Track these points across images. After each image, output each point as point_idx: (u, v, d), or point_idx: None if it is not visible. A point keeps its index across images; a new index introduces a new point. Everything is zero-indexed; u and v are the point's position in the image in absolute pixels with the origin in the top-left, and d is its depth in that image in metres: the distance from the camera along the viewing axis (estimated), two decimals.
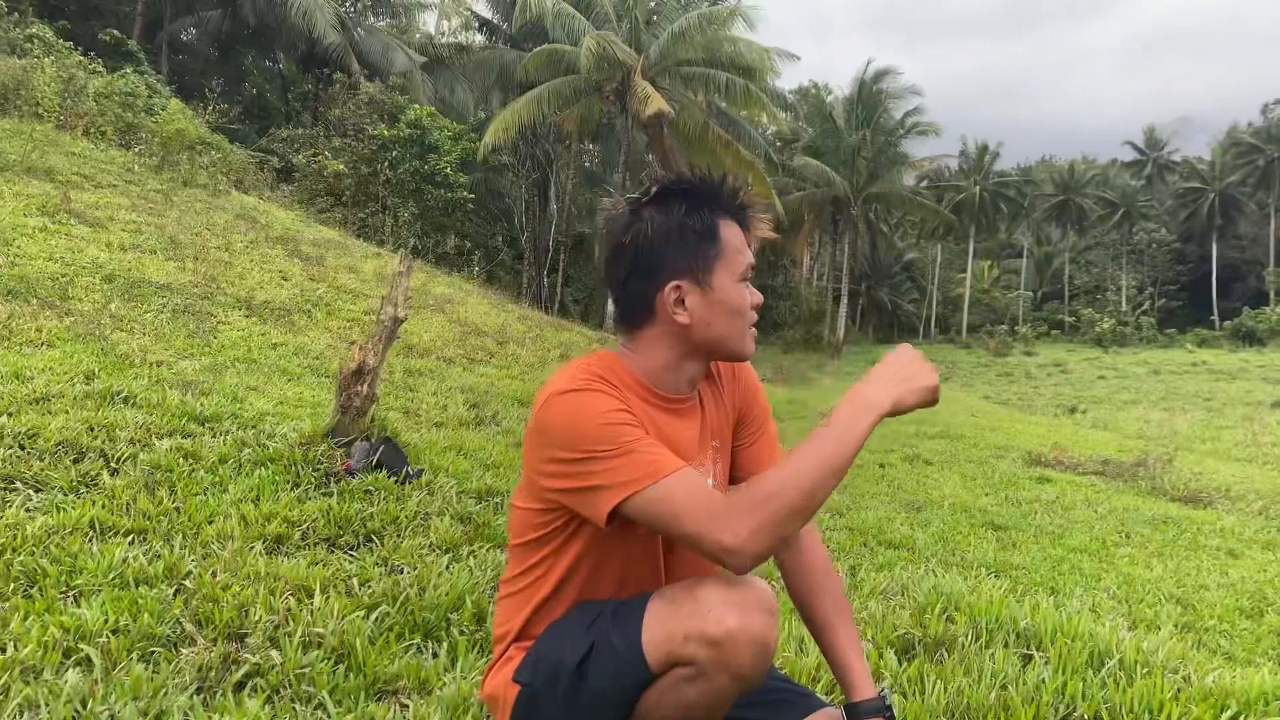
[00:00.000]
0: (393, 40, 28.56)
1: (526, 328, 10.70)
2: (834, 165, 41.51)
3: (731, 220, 1.72)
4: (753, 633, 1.43)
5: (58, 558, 3.07)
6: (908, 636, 3.30)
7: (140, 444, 4.26)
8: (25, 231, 7.70)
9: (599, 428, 1.54)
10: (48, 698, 2.28)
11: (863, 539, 5.12)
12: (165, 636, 2.71)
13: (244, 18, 25.90)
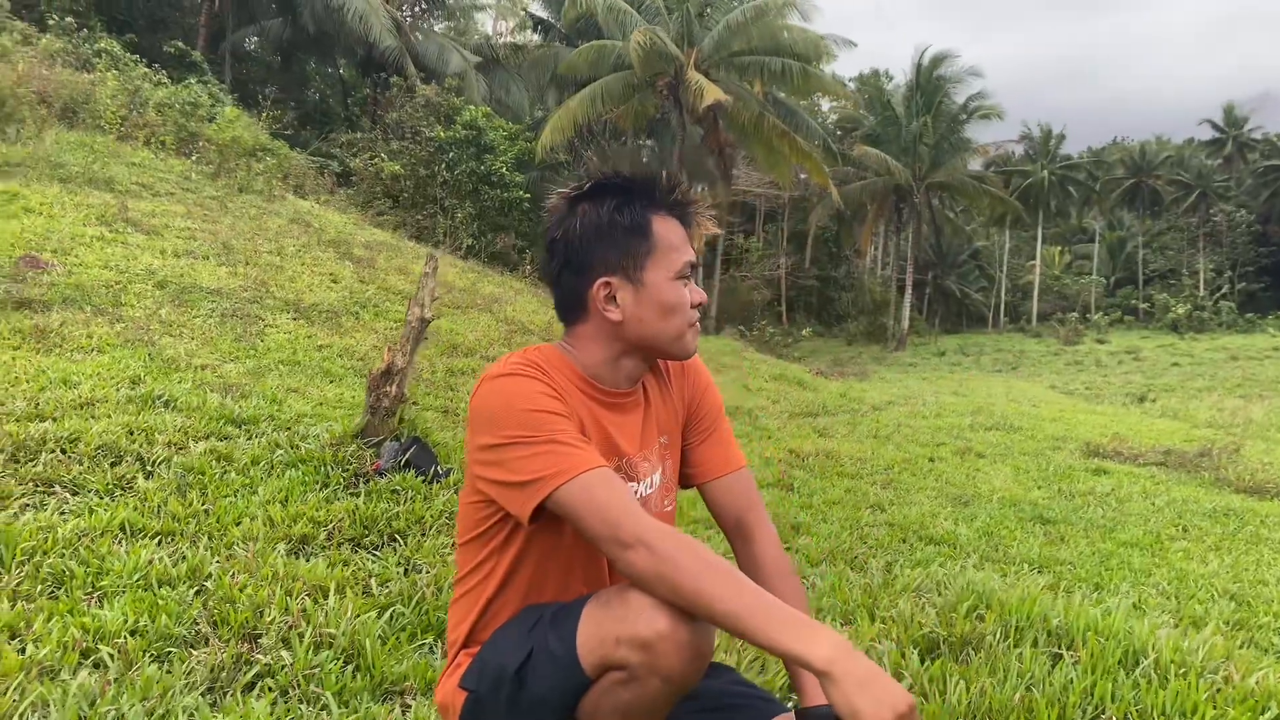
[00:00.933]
0: (448, 42, 28.85)
1: None
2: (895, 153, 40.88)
3: (669, 216, 1.68)
4: (682, 636, 1.39)
5: (86, 560, 3.14)
6: (932, 635, 3.22)
7: (176, 447, 4.34)
8: (83, 241, 7.93)
9: (524, 413, 1.52)
10: (59, 698, 2.33)
11: (902, 535, 5.02)
12: (181, 637, 2.75)
13: (303, 25, 26.34)
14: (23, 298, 6.23)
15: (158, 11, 26.93)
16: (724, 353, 13.05)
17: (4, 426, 4.20)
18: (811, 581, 3.98)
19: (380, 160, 21.41)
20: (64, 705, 2.29)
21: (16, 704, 2.32)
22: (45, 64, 14.89)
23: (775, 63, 24.58)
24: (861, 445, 7.44)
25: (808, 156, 26.85)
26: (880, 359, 35.33)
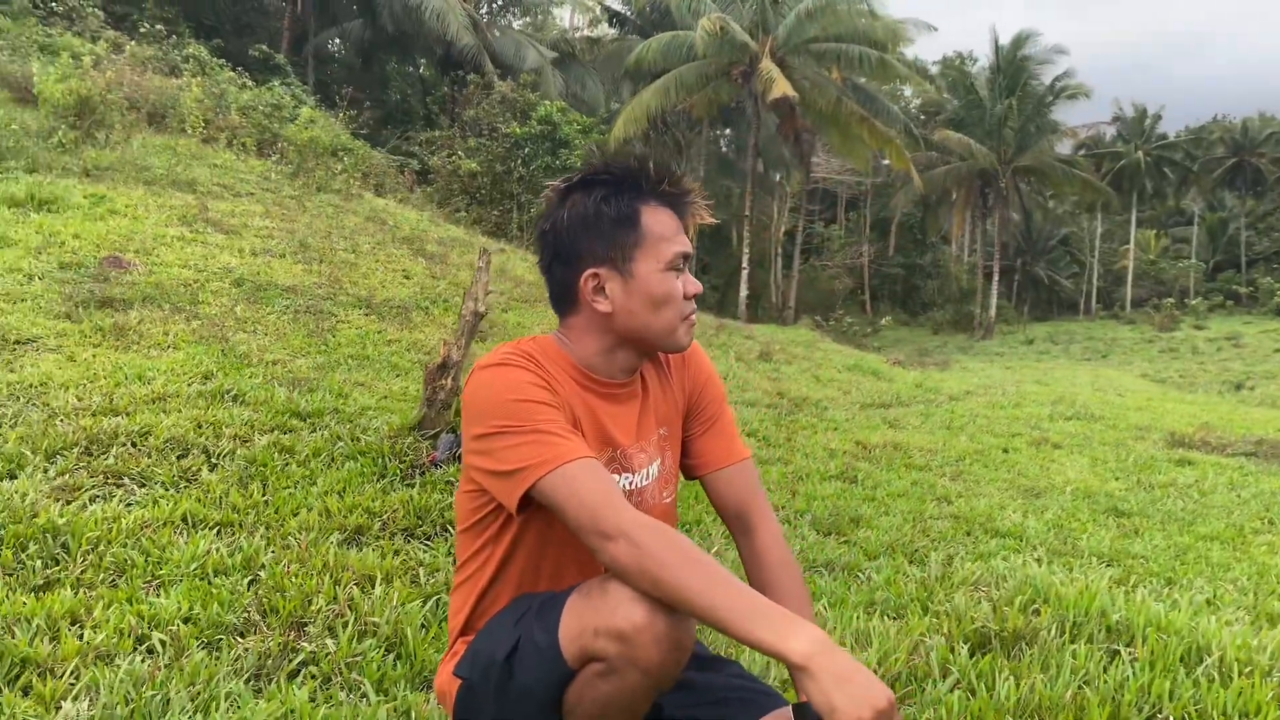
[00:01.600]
0: (524, 38, 29.10)
1: None
2: (979, 137, 39.93)
3: (661, 206, 1.66)
4: (660, 629, 1.37)
5: (147, 549, 3.24)
6: (984, 630, 3.13)
7: (241, 440, 4.46)
8: (165, 241, 8.21)
9: (512, 403, 1.53)
10: (109, 682, 2.41)
11: (967, 528, 4.91)
12: (232, 625, 2.82)
13: (383, 25, 26.87)
14: (105, 296, 6.47)
15: (243, 17, 27.72)
16: (796, 343, 12.92)
17: (79, 421, 4.37)
18: (867, 575, 3.91)
19: (457, 158, 21.71)
20: (112, 689, 2.37)
21: (71, 686, 2.41)
22: (137, 71, 15.46)
23: (852, 49, 24.23)
24: (932, 436, 7.29)
25: (888, 141, 26.41)
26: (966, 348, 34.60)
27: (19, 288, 6.41)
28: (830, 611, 3.26)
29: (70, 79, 11.05)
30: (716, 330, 11.50)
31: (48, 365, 5.18)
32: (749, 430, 6.33)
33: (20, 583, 2.93)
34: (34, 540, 3.18)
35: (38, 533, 3.21)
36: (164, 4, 23.33)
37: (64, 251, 7.35)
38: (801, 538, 4.33)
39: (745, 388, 7.90)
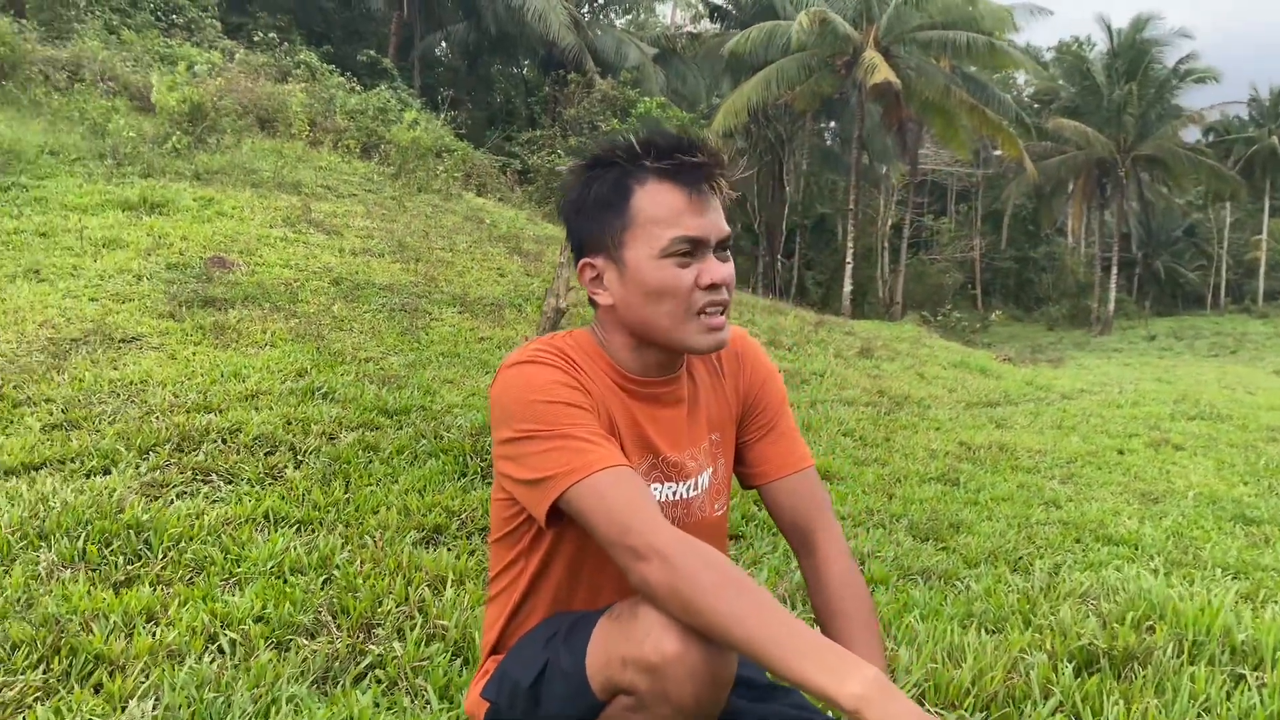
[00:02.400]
0: (625, 36, 29.13)
1: (737, 313, 10.53)
2: (1096, 124, 38.29)
3: (664, 182, 1.44)
4: (694, 661, 1.22)
5: (227, 546, 3.25)
6: (1092, 647, 2.90)
7: (328, 437, 4.48)
8: (268, 241, 8.40)
9: (537, 404, 1.39)
10: (175, 681, 2.40)
11: (1077, 534, 4.61)
12: (302, 626, 2.79)
13: (486, 28, 27.22)
14: (208, 296, 6.63)
15: (353, 23, 28.44)
16: (900, 339, 12.54)
17: (173, 417, 4.45)
18: (965, 584, 3.69)
19: (556, 156, 21.85)
20: (175, 689, 2.35)
21: (140, 684, 2.40)
22: (250, 78, 15.98)
23: (958, 36, 23.49)
24: (1042, 437, 6.93)
25: (998, 129, 25.56)
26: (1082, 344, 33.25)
27: (127, 288, 6.62)
28: (922, 624, 3.06)
29: (184, 87, 11.44)
30: (815, 326, 11.24)
31: (149, 363, 5.31)
32: (845, 430, 6.11)
33: (103, 579, 2.96)
34: (119, 536, 3.21)
35: (122, 529, 3.24)
36: (277, 13, 24.11)
37: (172, 252, 7.58)
38: (897, 543, 4.13)
39: (843, 385, 7.66)
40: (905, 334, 13.87)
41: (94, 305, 6.18)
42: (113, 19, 17.22)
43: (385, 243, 9.29)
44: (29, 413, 4.41)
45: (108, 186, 9.03)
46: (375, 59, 23.68)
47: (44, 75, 12.55)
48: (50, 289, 6.36)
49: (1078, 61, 44.30)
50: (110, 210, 8.35)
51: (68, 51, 13.82)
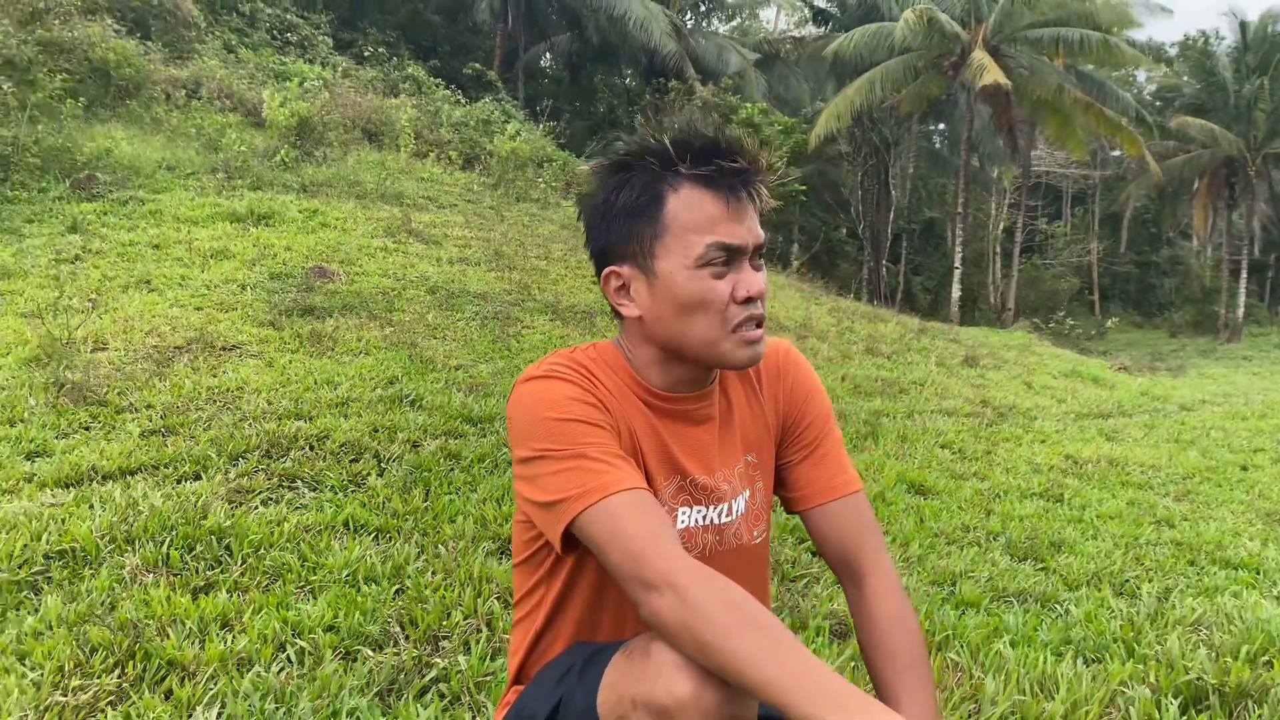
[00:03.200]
0: (727, 42, 29.01)
1: (835, 320, 10.30)
2: (1223, 122, 36.41)
3: (699, 188, 1.34)
4: (707, 705, 1.13)
5: (305, 554, 3.28)
6: (1200, 683, 2.68)
7: (412, 444, 4.51)
8: (369, 251, 8.58)
9: (551, 422, 1.31)
10: (240, 690, 2.40)
11: (1191, 556, 4.33)
12: (371, 636, 2.79)
13: (589, 38, 27.45)
14: (308, 305, 6.79)
15: (459, 37, 29.03)
16: (1008, 347, 12.10)
17: (264, 424, 4.54)
18: (1064, 608, 3.48)
19: None
20: (239, 698, 2.36)
21: (208, 691, 2.42)
22: (359, 92, 16.44)
23: (1071, 34, 22.63)
24: (1156, 451, 6.56)
25: (1117, 128, 24.54)
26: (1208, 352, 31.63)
27: (231, 297, 6.83)
28: (1012, 651, 2.89)
29: (294, 102, 11.82)
30: (917, 333, 10.92)
31: (247, 371, 5.45)
32: (943, 442, 5.88)
33: (183, 584, 3.00)
34: (201, 542, 3.27)
35: (205, 534, 3.30)
36: (387, 29, 24.76)
37: (276, 263, 7.80)
38: (992, 563, 3.93)
39: (944, 395, 7.40)
40: (1014, 341, 13.40)
41: (199, 314, 6.39)
42: (231, 38, 17.93)
43: (482, 251, 9.40)
44: (130, 419, 4.55)
45: (218, 199, 9.36)
46: (480, 71, 24.11)
47: (165, 94, 13.12)
48: (159, 298, 6.60)
49: (1203, 57, 42.27)
50: (220, 222, 8.65)
51: (188, 71, 14.43)
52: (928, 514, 4.46)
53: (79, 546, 3.13)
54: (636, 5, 25.48)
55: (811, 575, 3.48)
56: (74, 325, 5.54)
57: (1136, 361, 15.51)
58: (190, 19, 16.64)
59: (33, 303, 6.00)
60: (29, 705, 2.30)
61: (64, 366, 4.96)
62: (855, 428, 5.82)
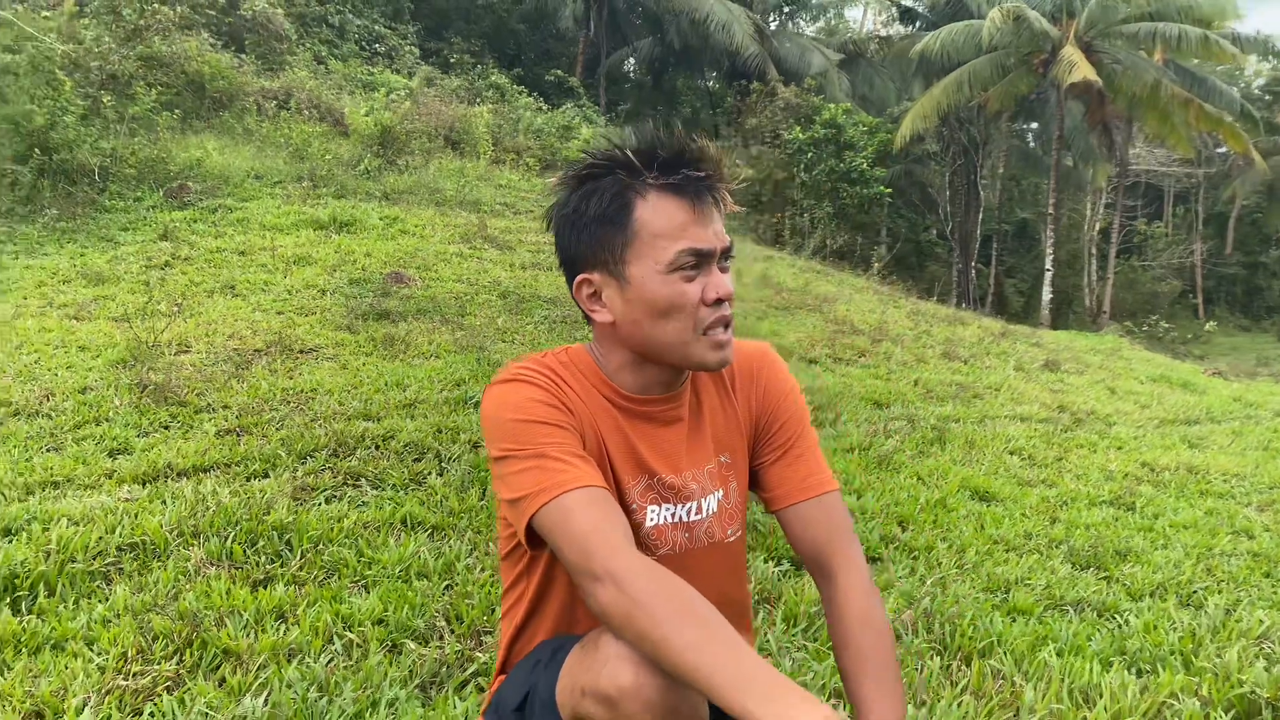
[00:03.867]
0: (810, 43, 28.80)
1: (912, 324, 10.15)
2: None
3: (667, 195, 1.38)
4: (648, 695, 1.16)
5: (362, 550, 3.39)
6: (1254, 697, 2.60)
7: (473, 445, 4.61)
8: (445, 257, 8.77)
9: (514, 424, 1.37)
10: (287, 679, 2.51)
11: (1268, 567, 4.17)
12: (417, 629, 2.87)
13: (670, 42, 27.53)
14: (384, 309, 6.98)
15: (543, 44, 29.41)
16: (1095, 351, 11.76)
17: (334, 425, 4.69)
18: (1123, 619, 3.39)
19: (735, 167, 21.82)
20: (285, 687, 2.46)
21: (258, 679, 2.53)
22: (444, 100, 16.80)
23: (1169, 29, 21.83)
24: (1242, 459, 6.31)
25: (1218, 123, 23.59)
26: None
27: (311, 302, 7.06)
28: (1058, 660, 2.83)
29: (378, 112, 12.14)
30: (998, 337, 10.69)
31: (321, 373, 5.63)
32: (1013, 448, 5.76)
33: (244, 577, 3.13)
34: (264, 537, 3.41)
35: (267, 530, 3.44)
36: (471, 39, 25.23)
37: (355, 269, 8.03)
38: (1051, 571, 3.85)
39: (1018, 400, 7.24)
40: (1102, 345, 13.01)
41: (279, 318, 6.62)
42: (321, 50, 18.49)
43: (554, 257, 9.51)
44: (207, 419, 4.75)
45: (303, 207, 9.68)
46: (562, 78, 24.39)
47: (257, 105, 13.60)
48: (242, 303, 6.86)
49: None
50: (303, 229, 8.94)
51: (279, 82, 14.93)
52: (989, 521, 4.38)
53: (149, 539, 3.30)
54: (719, 8, 25.47)
55: None
56: (160, 329, 5.80)
57: (1235, 367, 14.89)
58: (282, 32, 17.21)
59: (123, 307, 6.30)
60: (92, 688, 2.43)
61: (148, 368, 5.21)
62: (922, 433, 5.75)
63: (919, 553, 3.86)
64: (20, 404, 4.73)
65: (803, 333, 8.32)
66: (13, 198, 8.88)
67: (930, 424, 5.99)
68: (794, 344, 7.77)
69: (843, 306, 10.03)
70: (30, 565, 3.01)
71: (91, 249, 8.07)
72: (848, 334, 8.64)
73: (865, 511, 4.24)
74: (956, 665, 2.81)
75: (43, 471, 3.93)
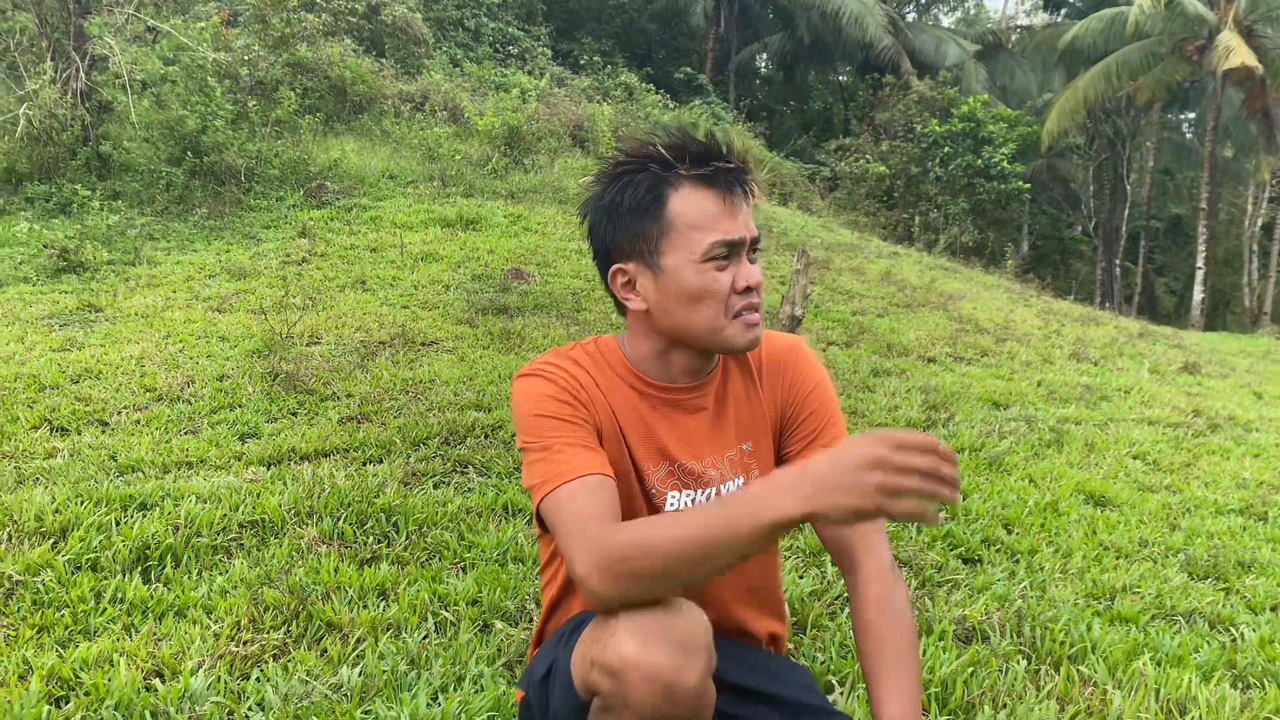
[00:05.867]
0: (945, 34, 28.07)
1: (1042, 323, 9.79)
2: None
3: (700, 188, 1.44)
4: (649, 668, 1.20)
5: (464, 533, 3.54)
6: None
7: None
8: (564, 254, 8.96)
9: (530, 417, 1.46)
10: (381, 651, 2.65)
11: None
12: (508, 610, 2.99)
13: (801, 37, 27.26)
14: (503, 305, 7.19)
15: (673, 43, 29.54)
16: (1244, 354, 11.11)
17: (447, 414, 4.88)
18: (1238, 633, 3.24)
19: (865, 161, 21.45)
20: (379, 659, 2.61)
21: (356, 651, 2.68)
22: (572, 100, 17.11)
23: None
24: None
25: None
26: None
27: (435, 297, 7.33)
28: (1153, 670, 2.74)
29: (506, 113, 12.47)
30: (1132, 338, 10.21)
31: (440, 365, 5.86)
32: (1135, 452, 5.52)
33: (352, 555, 3.31)
34: (372, 518, 3.59)
35: (376, 512, 3.62)
36: (602, 39, 25.56)
37: (478, 265, 8.29)
38: (1163, 580, 3.70)
39: (1149, 403, 6.92)
40: (1254, 348, 12.28)
41: (404, 312, 6.90)
42: (457, 53, 19.07)
43: None
44: (331, 406, 5.02)
45: (432, 206, 10.03)
46: (691, 75, 24.47)
47: (395, 108, 14.15)
48: (371, 297, 7.18)
49: None
50: (432, 227, 9.28)
51: (416, 85, 15.49)
52: (1101, 526, 4.23)
53: (268, 518, 3.52)
54: (851, 1, 25.09)
55: (952, 582, 3.41)
56: (293, 321, 6.14)
57: None
58: (420, 36, 17.84)
59: (262, 301, 6.68)
60: (208, 653, 2.62)
61: (280, 358, 5.52)
62: (1039, 434, 5.57)
63: (1021, 556, 3.77)
64: (164, 389, 5.09)
65: (923, 330, 8.15)
66: (167, 197, 9.52)
67: (1049, 425, 5.80)
68: (912, 342, 7.62)
69: (968, 304, 9.76)
70: (160, 538, 3.26)
71: (236, 245, 8.58)
72: (971, 332, 8.42)
73: (970, 513, 4.16)
74: (1045, 670, 2.74)
75: (179, 452, 4.23)
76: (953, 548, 3.79)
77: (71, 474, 3.92)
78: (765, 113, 29.35)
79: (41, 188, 9.44)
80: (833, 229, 14.26)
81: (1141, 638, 3.01)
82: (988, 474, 4.78)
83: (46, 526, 3.31)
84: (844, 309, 8.49)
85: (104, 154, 9.87)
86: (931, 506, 1.08)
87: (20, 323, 6.21)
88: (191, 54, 10.10)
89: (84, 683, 2.43)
